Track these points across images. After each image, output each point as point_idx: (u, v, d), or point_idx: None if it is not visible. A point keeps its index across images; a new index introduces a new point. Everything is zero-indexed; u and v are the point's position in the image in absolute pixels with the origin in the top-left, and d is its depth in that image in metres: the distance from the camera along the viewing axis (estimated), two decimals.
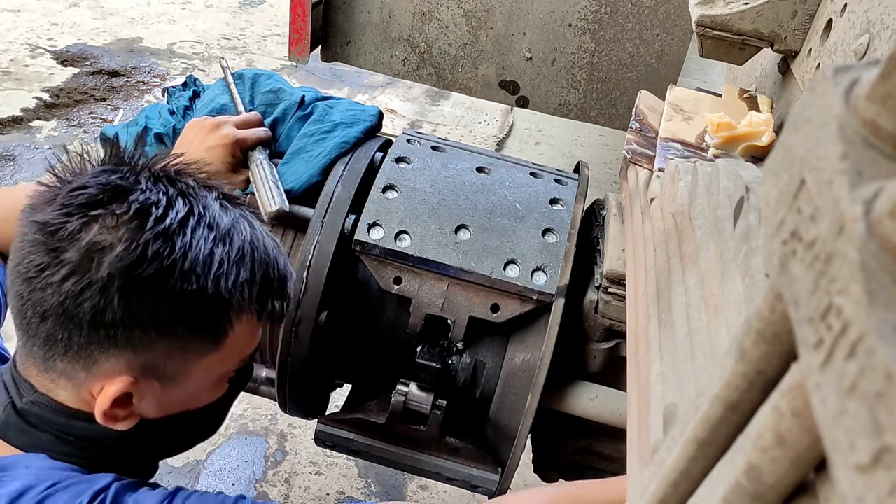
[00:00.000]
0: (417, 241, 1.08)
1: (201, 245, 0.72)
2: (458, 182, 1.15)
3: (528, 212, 1.13)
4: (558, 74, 2.23)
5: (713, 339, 0.56)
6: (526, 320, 1.10)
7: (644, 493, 0.46)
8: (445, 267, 1.07)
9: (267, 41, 4.39)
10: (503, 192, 1.15)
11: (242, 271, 0.76)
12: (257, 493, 1.78)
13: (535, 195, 1.16)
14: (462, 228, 1.10)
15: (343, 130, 1.21)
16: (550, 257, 1.08)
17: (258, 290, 0.78)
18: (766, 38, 1.20)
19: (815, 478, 0.31)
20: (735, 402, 0.36)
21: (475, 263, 1.07)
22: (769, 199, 0.34)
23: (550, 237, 1.10)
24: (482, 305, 1.09)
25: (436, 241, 1.08)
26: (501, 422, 1.14)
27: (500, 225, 1.11)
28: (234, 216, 0.79)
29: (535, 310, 1.08)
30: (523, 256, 1.08)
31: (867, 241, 0.25)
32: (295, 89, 1.29)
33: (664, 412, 0.58)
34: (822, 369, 0.26)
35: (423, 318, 1.09)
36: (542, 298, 1.06)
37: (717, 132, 1.11)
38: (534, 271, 1.07)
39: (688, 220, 0.74)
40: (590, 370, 1.14)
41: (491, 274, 1.07)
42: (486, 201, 1.13)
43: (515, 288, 1.06)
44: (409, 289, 1.09)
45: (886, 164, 0.28)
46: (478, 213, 1.11)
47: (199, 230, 0.73)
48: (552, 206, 1.15)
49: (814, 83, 0.32)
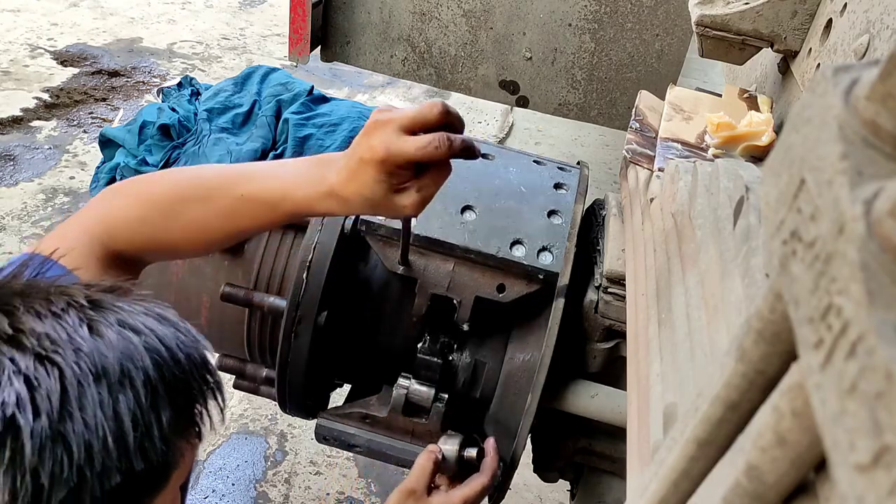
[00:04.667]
0: (423, 221, 1.07)
1: (90, 415, 0.52)
2: (462, 166, 1.15)
3: (532, 195, 1.13)
4: (558, 74, 2.23)
5: (713, 339, 0.56)
6: (531, 302, 1.10)
7: (644, 492, 0.46)
8: (451, 246, 1.07)
9: (267, 41, 4.40)
10: (508, 177, 1.15)
11: (154, 414, 0.56)
12: (257, 493, 1.78)
13: (540, 179, 1.16)
14: (468, 209, 1.10)
15: (351, 124, 1.24)
16: (556, 237, 1.08)
17: (181, 419, 0.60)
18: (766, 38, 1.20)
19: (815, 478, 0.31)
20: (735, 402, 0.36)
21: (481, 243, 1.07)
22: (769, 199, 0.34)
23: (556, 218, 1.10)
24: (488, 285, 1.08)
25: (442, 220, 1.08)
26: (501, 421, 1.14)
27: (506, 206, 1.11)
28: (112, 339, 0.56)
29: (540, 290, 1.08)
30: (529, 236, 1.08)
31: (867, 241, 0.25)
32: (304, 82, 1.35)
33: (664, 412, 0.58)
34: (822, 369, 0.26)
35: (429, 298, 1.09)
36: (548, 278, 1.06)
37: (717, 132, 1.11)
38: (540, 251, 1.07)
39: (688, 220, 0.74)
40: (590, 370, 1.14)
41: (497, 253, 1.06)
42: (491, 184, 1.13)
43: (522, 267, 1.06)
44: (415, 269, 1.09)
45: (886, 164, 0.28)
46: (483, 194, 1.12)
47: (86, 397, 0.52)
48: (556, 190, 1.15)
49: (814, 83, 0.32)
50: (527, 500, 1.88)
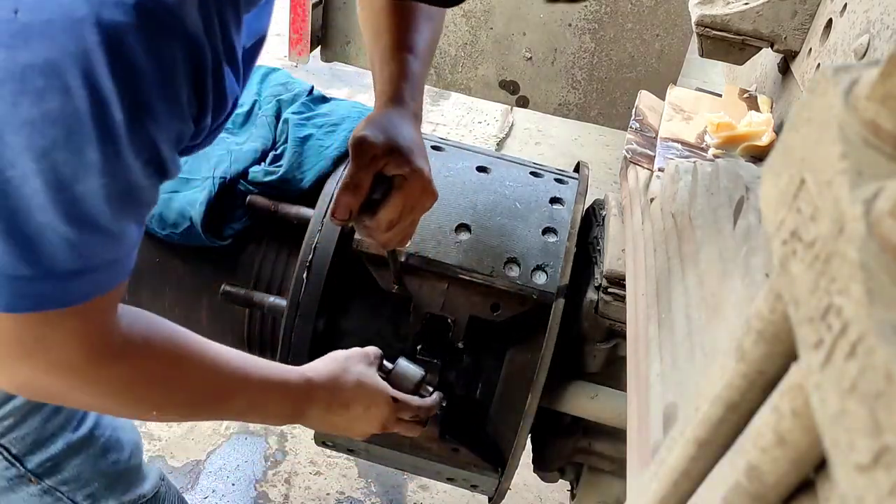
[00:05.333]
0: (417, 240, 1.08)
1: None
2: (458, 181, 1.15)
3: (528, 211, 1.13)
4: (558, 74, 2.23)
5: (713, 339, 0.56)
6: (526, 320, 1.10)
7: (644, 492, 0.46)
8: (446, 266, 1.07)
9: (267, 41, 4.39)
10: (503, 192, 1.15)
11: None
12: (257, 493, 1.78)
13: (536, 194, 1.16)
14: (462, 227, 1.10)
15: (351, 124, 1.25)
16: (551, 256, 1.08)
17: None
18: (766, 38, 1.20)
19: (815, 478, 0.31)
20: (735, 402, 0.36)
21: (475, 262, 1.07)
22: (769, 199, 0.34)
23: (551, 237, 1.10)
24: (482, 305, 1.09)
25: (436, 240, 1.08)
26: (501, 422, 1.14)
27: (501, 224, 1.11)
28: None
29: (534, 308, 1.08)
30: (524, 255, 1.08)
31: (867, 240, 0.25)
32: (304, 82, 1.36)
33: (664, 412, 0.58)
34: (822, 369, 0.26)
35: (424, 317, 1.09)
36: (542, 298, 1.06)
37: (717, 132, 1.11)
38: (534, 270, 1.07)
39: (688, 220, 0.74)
40: (589, 370, 1.14)
41: (491, 273, 1.07)
42: (487, 200, 1.13)
43: (516, 287, 1.06)
44: (409, 288, 1.09)
45: (886, 164, 0.28)
46: (478, 212, 1.11)
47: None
48: (552, 205, 1.15)
49: (814, 83, 0.32)
50: (527, 500, 1.88)
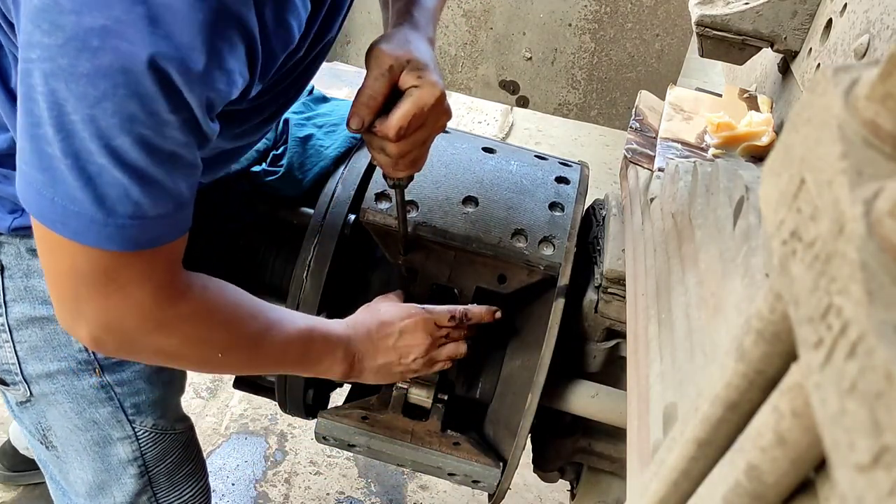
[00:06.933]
0: (425, 211, 1.07)
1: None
2: (464, 158, 1.16)
3: (534, 187, 1.13)
4: (558, 74, 2.23)
5: (713, 339, 0.56)
6: (530, 297, 1.10)
7: (644, 492, 0.46)
8: (452, 236, 1.07)
9: None
10: (510, 169, 1.15)
11: None
12: (257, 493, 1.78)
13: (542, 173, 1.16)
14: (469, 200, 1.10)
15: None
16: (558, 229, 1.08)
17: None
18: (766, 38, 1.20)
19: (815, 478, 0.31)
20: (735, 402, 0.36)
21: (483, 233, 1.07)
22: (769, 199, 0.34)
23: (557, 210, 1.10)
24: (489, 276, 1.08)
25: (443, 210, 1.08)
26: (501, 421, 1.14)
27: (507, 197, 1.11)
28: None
29: (541, 280, 1.08)
30: (531, 227, 1.08)
31: (867, 240, 0.25)
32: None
33: (664, 412, 0.58)
34: (822, 369, 0.26)
35: (430, 288, 1.09)
36: (549, 269, 1.06)
37: (717, 132, 1.11)
38: (541, 242, 1.07)
39: (688, 220, 0.74)
40: (589, 370, 1.14)
41: (498, 243, 1.06)
42: (493, 176, 1.13)
43: (523, 258, 1.06)
44: (415, 260, 1.09)
45: (886, 164, 0.28)
46: (485, 185, 1.12)
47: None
48: (558, 183, 1.15)
49: (814, 83, 0.32)
50: (527, 500, 1.88)
